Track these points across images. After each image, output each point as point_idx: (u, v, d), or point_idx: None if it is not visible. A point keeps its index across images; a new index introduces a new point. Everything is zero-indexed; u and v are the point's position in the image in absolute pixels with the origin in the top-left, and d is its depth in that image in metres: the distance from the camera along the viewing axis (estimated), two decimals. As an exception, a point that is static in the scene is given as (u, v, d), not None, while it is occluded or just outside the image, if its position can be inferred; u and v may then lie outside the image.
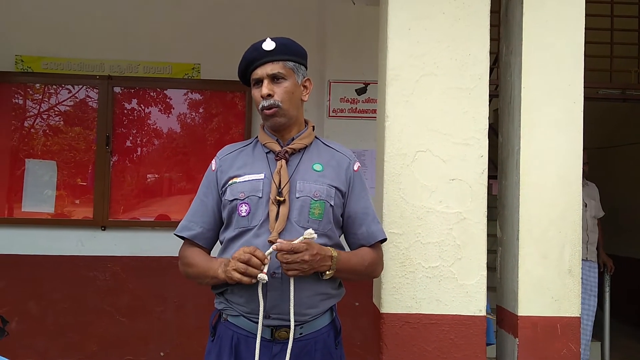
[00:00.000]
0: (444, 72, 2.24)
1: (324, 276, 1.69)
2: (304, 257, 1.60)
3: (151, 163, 4.35)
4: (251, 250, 1.60)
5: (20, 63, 4.19)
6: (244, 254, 1.60)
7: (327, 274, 1.69)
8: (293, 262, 1.60)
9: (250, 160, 1.82)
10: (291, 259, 1.60)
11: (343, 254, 1.75)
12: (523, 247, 2.27)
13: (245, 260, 1.59)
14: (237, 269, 1.59)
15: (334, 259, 1.69)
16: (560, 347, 2.23)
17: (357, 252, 1.82)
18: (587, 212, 4.49)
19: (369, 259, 1.81)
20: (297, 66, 1.81)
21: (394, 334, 2.20)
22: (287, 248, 1.59)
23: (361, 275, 1.82)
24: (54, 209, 4.22)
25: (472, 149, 2.23)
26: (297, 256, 1.60)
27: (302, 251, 1.60)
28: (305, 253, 1.61)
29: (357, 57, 4.13)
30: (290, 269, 1.61)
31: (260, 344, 1.69)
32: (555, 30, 2.28)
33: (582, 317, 4.31)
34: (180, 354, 4.14)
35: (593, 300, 4.49)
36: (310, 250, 1.62)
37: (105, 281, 4.16)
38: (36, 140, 4.27)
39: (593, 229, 4.58)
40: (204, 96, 4.39)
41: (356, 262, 1.78)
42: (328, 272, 1.69)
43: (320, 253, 1.65)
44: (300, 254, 1.60)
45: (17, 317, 4.08)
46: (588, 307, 4.44)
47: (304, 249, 1.61)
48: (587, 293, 4.42)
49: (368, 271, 1.83)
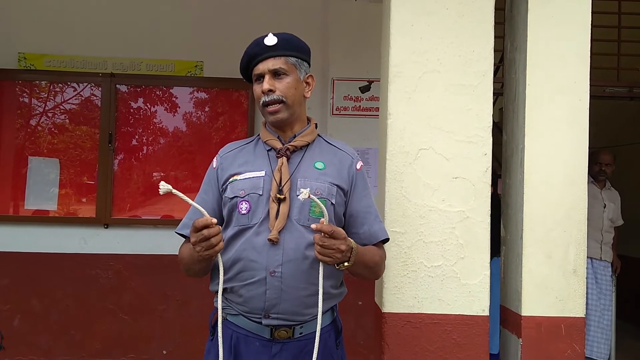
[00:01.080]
0: (447, 68, 2.21)
1: (340, 267, 1.63)
2: (340, 246, 1.55)
3: (154, 161, 4.34)
4: (202, 224, 1.53)
5: (23, 60, 4.19)
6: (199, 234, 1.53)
7: (345, 265, 1.62)
8: (329, 248, 1.55)
9: (251, 157, 1.80)
10: (328, 244, 1.54)
11: (360, 247, 1.69)
12: (527, 247, 2.24)
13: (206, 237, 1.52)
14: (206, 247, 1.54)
15: (354, 251, 1.63)
16: (565, 348, 2.20)
17: (369, 248, 1.76)
18: (605, 213, 4.51)
19: (378, 257, 1.78)
20: (300, 62, 1.78)
21: (396, 334, 2.18)
22: (328, 230, 1.54)
23: (369, 272, 1.77)
24: (57, 207, 4.21)
25: (475, 146, 2.21)
26: (334, 242, 1.55)
27: (341, 239, 1.56)
28: (343, 243, 1.56)
29: (360, 55, 4.11)
30: (324, 254, 1.56)
31: (260, 344, 1.67)
32: (561, 27, 2.25)
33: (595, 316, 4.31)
34: (183, 353, 4.14)
35: (609, 300, 4.46)
36: (348, 242, 1.58)
37: (108, 279, 4.16)
38: (39, 137, 4.27)
39: (609, 229, 4.57)
40: (206, 94, 4.38)
41: (369, 258, 1.73)
42: (347, 263, 1.62)
43: (349, 245, 1.60)
44: (338, 242, 1.55)
45: (19, 315, 4.09)
46: (603, 307, 4.39)
47: (342, 237, 1.56)
48: (602, 292, 4.39)
49: (375, 269, 1.79)
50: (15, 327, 4.07)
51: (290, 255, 1.66)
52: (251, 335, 1.68)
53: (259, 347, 1.67)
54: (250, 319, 1.69)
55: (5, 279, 4.10)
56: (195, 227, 1.54)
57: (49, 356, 4.08)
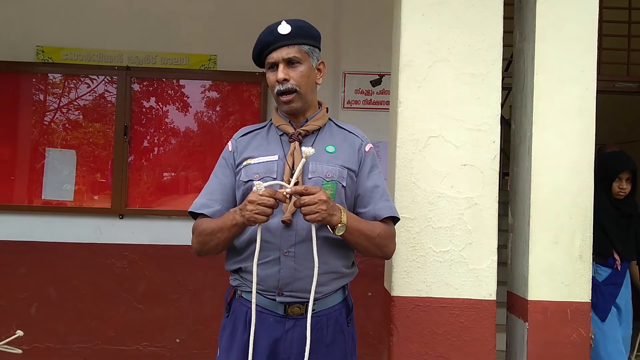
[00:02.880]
0: (457, 57, 2.26)
1: (336, 230, 1.67)
2: (320, 196, 1.61)
3: (169, 153, 4.41)
4: (272, 194, 1.61)
5: (41, 54, 4.28)
6: (266, 198, 1.60)
7: (338, 227, 1.66)
8: (311, 204, 1.60)
9: (264, 142, 1.86)
10: (308, 200, 1.60)
11: (351, 213, 1.74)
12: (534, 233, 2.28)
13: (270, 205, 1.60)
14: (261, 212, 1.60)
15: (343, 212, 1.67)
16: (570, 332, 2.24)
17: (367, 220, 1.79)
18: None
19: (380, 229, 1.77)
20: (312, 49, 1.82)
21: (405, 317, 2.23)
22: (301, 189, 1.61)
23: (372, 243, 1.76)
24: (73, 197, 4.30)
25: (484, 134, 2.25)
26: (313, 196, 1.60)
27: (317, 191, 1.62)
28: (321, 192, 1.62)
29: (372, 49, 4.15)
30: (309, 212, 1.61)
31: (274, 320, 1.73)
32: (569, 16, 2.29)
33: None
34: (196, 341, 4.20)
35: None
36: (324, 193, 1.63)
37: (123, 268, 4.23)
38: (56, 129, 4.35)
39: None
40: (220, 87, 4.45)
41: (366, 227, 1.74)
42: (340, 225, 1.66)
43: (330, 201, 1.65)
44: (315, 195, 1.61)
45: (37, 303, 4.18)
46: None
47: (318, 190, 1.62)
48: None
49: (378, 242, 1.77)
50: (32, 315, 4.16)
51: (303, 236, 1.72)
52: (265, 311, 1.74)
53: (273, 322, 1.73)
54: (264, 296, 1.74)
55: (22, 267, 4.19)
56: (269, 192, 1.60)
57: (65, 343, 4.16)
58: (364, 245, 1.76)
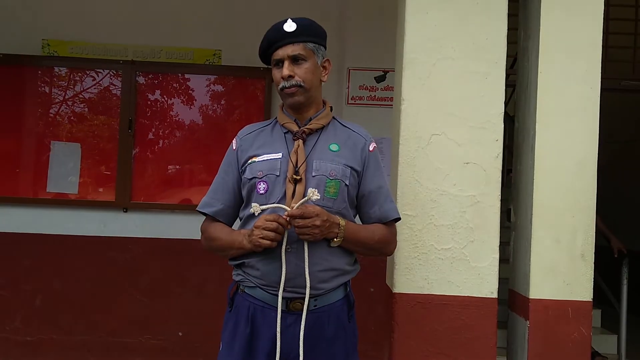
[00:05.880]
0: (460, 55, 2.26)
1: (332, 243, 1.75)
2: (315, 222, 1.68)
3: (173, 147, 4.42)
4: (275, 218, 1.68)
5: (47, 47, 4.29)
6: (270, 222, 1.68)
7: (335, 240, 1.75)
8: (305, 227, 1.68)
9: (269, 140, 1.88)
10: (302, 224, 1.67)
11: (352, 224, 1.80)
12: (536, 231, 2.29)
13: (274, 229, 1.67)
14: (265, 237, 1.68)
15: (342, 227, 1.75)
16: (571, 331, 2.25)
17: (368, 227, 1.86)
18: None
19: (380, 234, 1.85)
20: (317, 47, 1.84)
21: (406, 314, 2.24)
22: (297, 214, 1.67)
23: (371, 249, 1.87)
24: (78, 190, 4.32)
25: (487, 132, 2.26)
26: (308, 221, 1.67)
27: (313, 217, 1.68)
28: (316, 219, 1.68)
29: (376, 45, 4.13)
30: (302, 233, 1.69)
31: (275, 315, 1.75)
32: (573, 14, 2.28)
33: None
34: (198, 334, 4.22)
35: None
36: (321, 217, 1.69)
37: (126, 262, 4.25)
38: (61, 122, 4.37)
39: None
40: (224, 82, 4.45)
41: (365, 236, 1.82)
42: (336, 239, 1.75)
43: (330, 220, 1.72)
44: (311, 219, 1.68)
45: (41, 295, 4.20)
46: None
47: (314, 215, 1.68)
48: None
49: (378, 246, 1.87)
50: (37, 307, 4.19)
51: None
52: (267, 306, 1.76)
53: (275, 317, 1.75)
54: (267, 291, 1.77)
55: (27, 260, 4.21)
56: (275, 217, 1.69)
57: (69, 335, 4.18)
58: (362, 251, 1.86)
